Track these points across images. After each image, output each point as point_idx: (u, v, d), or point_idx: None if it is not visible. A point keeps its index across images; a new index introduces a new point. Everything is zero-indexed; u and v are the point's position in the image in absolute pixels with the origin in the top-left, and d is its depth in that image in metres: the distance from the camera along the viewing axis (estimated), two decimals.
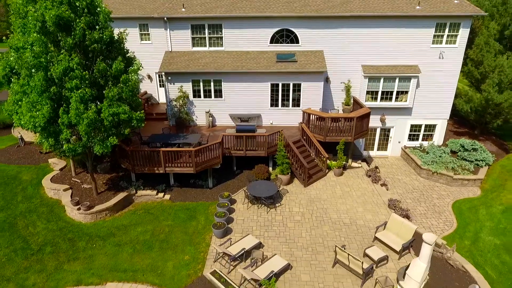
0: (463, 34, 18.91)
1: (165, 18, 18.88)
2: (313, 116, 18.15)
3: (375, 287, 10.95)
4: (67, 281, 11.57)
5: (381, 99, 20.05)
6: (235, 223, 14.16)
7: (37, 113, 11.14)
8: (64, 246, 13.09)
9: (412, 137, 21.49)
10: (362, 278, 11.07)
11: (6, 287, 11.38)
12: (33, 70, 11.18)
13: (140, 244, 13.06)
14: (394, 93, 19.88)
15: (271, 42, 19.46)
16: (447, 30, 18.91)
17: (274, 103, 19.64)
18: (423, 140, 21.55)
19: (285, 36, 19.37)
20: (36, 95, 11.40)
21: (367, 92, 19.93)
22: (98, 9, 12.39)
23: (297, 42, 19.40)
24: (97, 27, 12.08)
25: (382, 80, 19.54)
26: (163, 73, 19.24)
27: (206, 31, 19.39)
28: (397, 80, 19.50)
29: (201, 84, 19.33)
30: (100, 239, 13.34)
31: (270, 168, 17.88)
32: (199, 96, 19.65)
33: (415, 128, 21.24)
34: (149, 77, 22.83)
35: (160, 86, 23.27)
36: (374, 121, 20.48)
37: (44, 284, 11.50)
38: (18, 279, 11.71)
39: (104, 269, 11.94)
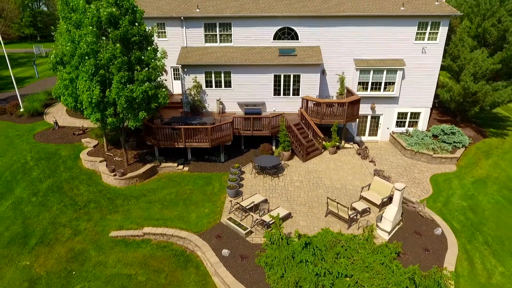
0: (443, 31, 21.63)
1: (182, 18, 21.70)
2: (311, 102, 20.92)
3: (358, 229, 13.67)
4: (111, 227, 14.38)
5: (371, 89, 22.74)
6: (244, 187, 16.88)
7: (92, 92, 13.99)
8: (104, 203, 15.89)
9: (399, 123, 24.17)
10: (348, 222, 13.79)
11: (63, 231, 14.19)
12: (86, 58, 13.99)
13: (167, 201, 15.83)
14: (383, 84, 22.57)
15: (274, 38, 22.21)
16: (428, 28, 21.62)
17: (276, 92, 22.30)
18: (409, 126, 24.25)
19: (287, 33, 22.14)
20: (87, 79, 14.21)
21: (359, 83, 22.63)
22: (135, 8, 15.23)
23: (297, 38, 22.17)
24: (136, 23, 14.91)
25: (371, 72, 22.24)
26: (179, 67, 22.01)
27: (217, 29, 22.18)
28: (385, 72, 22.20)
29: (213, 75, 22.08)
30: (134, 198, 16.13)
31: (274, 147, 20.63)
32: (211, 86, 22.37)
33: (401, 115, 23.92)
34: (165, 71, 25.57)
35: (174, 79, 26.01)
36: (365, 109, 23.20)
37: (93, 228, 14.30)
38: (72, 225, 14.53)
39: (140, 219, 14.73)
